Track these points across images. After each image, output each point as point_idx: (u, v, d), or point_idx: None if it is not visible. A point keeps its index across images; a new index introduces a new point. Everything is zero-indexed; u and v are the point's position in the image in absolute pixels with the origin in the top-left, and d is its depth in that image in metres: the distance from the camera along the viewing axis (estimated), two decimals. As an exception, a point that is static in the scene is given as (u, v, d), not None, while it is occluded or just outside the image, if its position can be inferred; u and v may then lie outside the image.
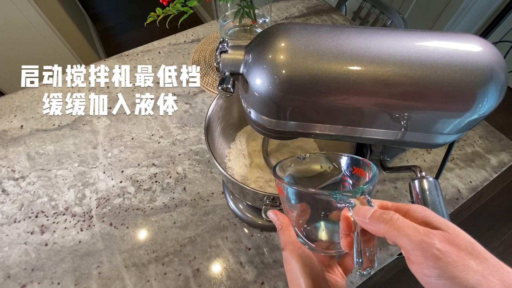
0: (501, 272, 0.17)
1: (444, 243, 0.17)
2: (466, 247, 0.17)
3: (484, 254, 0.17)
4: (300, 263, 0.24)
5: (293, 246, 0.25)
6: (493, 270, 0.17)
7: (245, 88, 0.31)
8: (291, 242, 0.26)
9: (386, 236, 0.20)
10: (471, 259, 0.17)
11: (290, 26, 0.29)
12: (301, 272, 0.24)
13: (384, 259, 0.51)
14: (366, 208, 0.21)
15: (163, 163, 0.62)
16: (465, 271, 0.16)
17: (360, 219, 0.21)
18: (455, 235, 0.18)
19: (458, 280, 0.16)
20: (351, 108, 0.29)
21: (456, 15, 1.40)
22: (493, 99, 0.26)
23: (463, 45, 0.27)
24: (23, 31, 1.27)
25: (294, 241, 0.26)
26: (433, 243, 0.17)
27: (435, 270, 0.17)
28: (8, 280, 0.50)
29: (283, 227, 0.27)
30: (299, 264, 0.24)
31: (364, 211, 0.21)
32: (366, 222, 0.20)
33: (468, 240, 0.18)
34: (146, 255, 0.52)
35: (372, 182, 0.24)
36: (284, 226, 0.27)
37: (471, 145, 0.66)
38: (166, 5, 0.57)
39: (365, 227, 0.21)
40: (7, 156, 0.63)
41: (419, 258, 0.17)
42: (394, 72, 0.26)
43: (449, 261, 0.16)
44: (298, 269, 0.24)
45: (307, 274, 0.24)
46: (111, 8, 2.35)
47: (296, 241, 0.26)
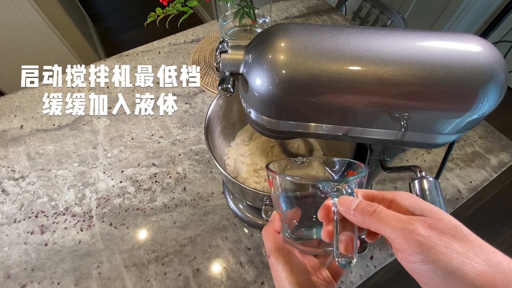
0: (486, 253, 0.17)
1: (426, 228, 0.17)
2: (449, 231, 0.17)
3: (468, 236, 0.17)
4: (287, 271, 0.23)
5: (279, 253, 0.24)
6: (478, 251, 0.17)
7: (245, 88, 0.31)
8: (277, 248, 0.24)
9: (369, 227, 0.20)
10: (454, 242, 0.17)
11: (290, 26, 0.29)
12: (288, 280, 0.23)
13: (384, 259, 0.51)
14: (351, 199, 0.21)
15: (163, 163, 0.62)
16: (448, 254, 0.16)
17: (344, 209, 0.21)
18: (437, 220, 0.18)
19: (441, 263, 0.16)
20: (351, 108, 0.29)
21: (456, 15, 1.40)
22: (493, 99, 0.26)
23: (463, 45, 0.27)
24: (23, 31, 1.27)
25: (280, 247, 0.24)
26: (415, 229, 0.17)
27: (419, 255, 0.17)
28: (8, 280, 0.50)
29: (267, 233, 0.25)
30: (286, 272, 0.23)
31: (349, 202, 0.21)
32: (351, 213, 0.20)
33: (452, 223, 0.18)
34: (146, 255, 0.52)
35: (359, 175, 0.24)
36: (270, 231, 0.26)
37: (471, 145, 0.66)
38: (166, 5, 0.57)
39: (349, 217, 0.21)
40: (7, 156, 0.63)
41: (403, 246, 0.17)
42: (394, 72, 0.26)
43: (431, 246, 0.17)
44: (285, 277, 0.23)
45: (295, 283, 0.23)
46: (111, 8, 2.35)
47: (282, 247, 0.24)
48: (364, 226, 0.20)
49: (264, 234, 0.26)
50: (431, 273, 0.17)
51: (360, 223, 0.20)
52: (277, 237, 0.25)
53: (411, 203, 0.20)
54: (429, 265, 0.16)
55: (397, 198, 0.21)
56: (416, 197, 0.20)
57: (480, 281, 0.16)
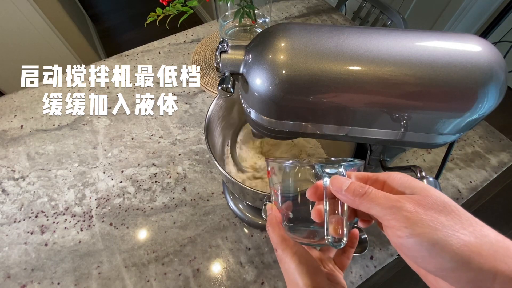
0: (474, 226, 0.17)
1: (413, 205, 0.18)
2: (437, 206, 0.18)
3: (456, 211, 0.18)
4: (296, 262, 0.23)
5: (286, 245, 0.24)
6: (466, 224, 0.17)
7: (245, 88, 0.31)
8: (283, 240, 0.24)
9: (360, 207, 0.20)
10: (441, 216, 0.17)
11: (290, 26, 0.29)
12: (298, 271, 0.23)
13: (384, 259, 0.51)
14: (343, 179, 0.21)
15: (163, 163, 0.62)
16: (433, 227, 0.17)
17: (336, 189, 0.21)
18: (425, 196, 0.18)
19: (427, 235, 0.17)
20: (351, 109, 0.29)
21: (456, 15, 1.40)
22: (493, 99, 0.26)
23: (463, 45, 0.27)
24: (23, 31, 1.27)
25: (286, 239, 0.24)
26: (402, 206, 0.18)
27: (406, 229, 0.17)
28: (8, 280, 0.50)
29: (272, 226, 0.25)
30: (295, 263, 0.23)
31: (340, 183, 0.21)
32: (342, 194, 0.21)
33: (440, 199, 0.18)
34: (146, 255, 0.52)
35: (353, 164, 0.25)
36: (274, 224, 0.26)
37: (471, 145, 0.66)
38: (166, 5, 0.57)
39: (340, 197, 0.21)
40: (7, 156, 0.63)
41: (391, 222, 0.18)
42: (394, 72, 0.26)
43: (418, 220, 0.17)
44: (294, 268, 0.23)
45: (305, 273, 0.23)
46: (111, 8, 2.35)
47: (288, 239, 0.24)
48: (354, 206, 0.21)
49: (269, 228, 0.25)
50: (417, 245, 0.17)
51: (351, 203, 0.21)
52: (282, 230, 0.25)
53: (403, 183, 0.20)
54: (415, 238, 0.17)
55: (390, 178, 0.21)
56: (408, 177, 0.21)
57: (465, 251, 0.16)
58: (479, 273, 0.16)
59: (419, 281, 0.18)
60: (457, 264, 0.16)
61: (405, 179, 0.20)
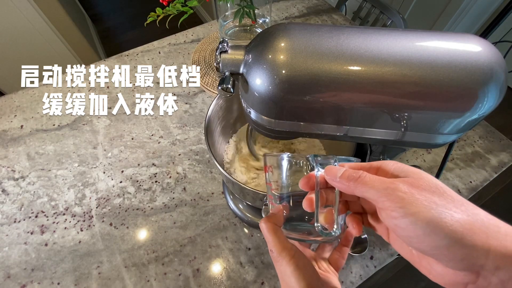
0: (466, 206, 0.18)
1: (407, 186, 0.18)
2: (429, 188, 0.18)
3: (449, 193, 0.18)
4: (293, 265, 0.22)
5: (283, 247, 0.23)
6: (457, 204, 0.18)
7: (245, 88, 0.31)
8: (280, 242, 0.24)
9: (355, 192, 0.20)
10: (434, 196, 0.18)
11: (290, 26, 0.29)
12: (294, 275, 0.22)
13: (384, 259, 0.51)
14: (337, 167, 0.22)
15: (163, 163, 0.62)
16: (427, 206, 0.17)
17: (331, 177, 0.22)
18: (418, 179, 0.19)
19: (421, 214, 0.17)
20: (351, 109, 0.29)
21: (456, 15, 1.40)
22: (493, 99, 0.26)
23: (463, 45, 0.27)
24: (23, 31, 1.27)
25: (283, 241, 0.24)
26: (396, 187, 0.18)
27: (401, 209, 0.17)
28: (8, 280, 0.50)
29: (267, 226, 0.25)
30: (292, 266, 0.22)
31: (335, 170, 0.22)
32: (337, 180, 0.21)
33: (433, 182, 0.19)
34: (146, 255, 0.52)
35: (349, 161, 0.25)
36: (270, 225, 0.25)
37: (471, 145, 0.66)
38: (166, 5, 0.57)
39: (335, 185, 0.22)
40: (7, 156, 0.63)
41: (386, 203, 0.18)
42: (394, 72, 0.26)
43: (412, 200, 0.17)
44: (291, 272, 0.22)
45: (302, 277, 0.22)
46: (111, 8, 2.35)
47: (285, 241, 0.24)
48: (349, 192, 0.21)
49: (264, 227, 0.25)
50: (411, 224, 0.17)
51: (345, 189, 0.21)
52: (279, 231, 0.24)
53: (396, 168, 0.21)
54: (410, 217, 0.17)
55: (384, 165, 0.21)
56: (402, 164, 0.21)
57: (458, 228, 0.16)
58: (473, 249, 0.16)
59: (419, 281, 0.19)
60: (450, 241, 0.16)
61: (398, 164, 0.21)
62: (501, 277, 0.16)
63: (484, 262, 0.16)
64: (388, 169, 0.21)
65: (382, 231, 0.23)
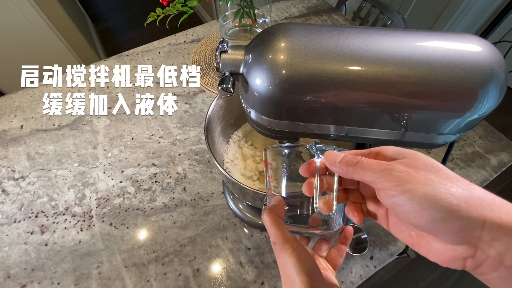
0: (461, 181, 0.18)
1: (404, 166, 0.19)
2: (426, 167, 0.19)
3: (445, 171, 0.19)
4: (295, 258, 0.23)
5: (285, 240, 0.23)
6: (453, 180, 0.18)
7: (245, 88, 0.31)
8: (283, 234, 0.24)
9: (353, 176, 0.21)
10: (430, 174, 0.18)
11: (290, 26, 0.29)
12: (296, 268, 0.22)
13: (384, 259, 0.51)
14: (337, 153, 0.23)
15: (163, 163, 0.62)
16: (424, 183, 0.18)
17: (330, 162, 0.22)
18: (414, 159, 0.19)
19: (417, 190, 0.17)
20: (351, 109, 0.29)
21: (456, 15, 1.40)
22: (493, 99, 0.26)
23: (463, 45, 0.27)
24: (23, 31, 1.27)
25: (285, 233, 0.24)
26: (394, 168, 0.19)
27: (398, 187, 0.18)
28: (8, 280, 0.50)
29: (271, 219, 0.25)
30: (294, 259, 0.23)
31: (334, 156, 0.22)
32: (336, 165, 0.22)
33: (429, 161, 0.19)
34: (146, 255, 0.52)
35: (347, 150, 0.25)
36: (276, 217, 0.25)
37: (471, 145, 0.66)
38: (166, 5, 0.57)
39: (334, 169, 0.22)
40: (7, 156, 0.63)
41: (384, 183, 0.19)
42: (394, 72, 0.26)
43: (409, 178, 0.18)
44: (293, 264, 0.22)
45: (304, 270, 0.22)
46: (111, 8, 2.35)
47: (287, 233, 0.24)
48: (348, 176, 0.21)
49: (267, 219, 0.25)
50: (409, 200, 0.18)
51: (344, 173, 0.22)
52: (281, 223, 0.25)
53: (395, 152, 0.21)
54: (407, 194, 0.18)
55: (382, 150, 0.22)
56: (400, 148, 0.22)
57: (454, 201, 0.17)
58: (468, 221, 0.16)
59: (419, 281, 0.19)
60: (446, 213, 0.16)
61: (396, 149, 0.21)
62: (498, 248, 0.16)
63: (480, 233, 0.16)
64: (386, 154, 0.22)
65: (381, 217, 0.23)
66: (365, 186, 0.24)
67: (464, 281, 1.17)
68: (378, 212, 0.23)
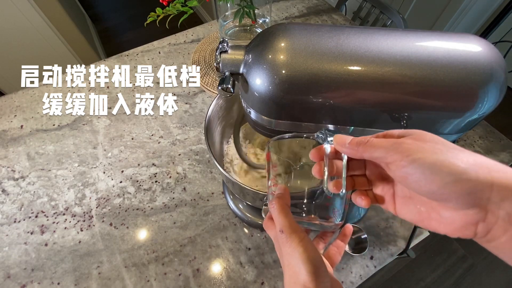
0: (468, 152, 0.19)
1: (412, 140, 0.20)
2: (433, 139, 0.20)
3: (451, 143, 0.20)
4: (302, 247, 0.23)
5: (294, 229, 0.24)
6: (460, 150, 0.19)
7: (245, 88, 0.31)
8: (291, 223, 0.24)
9: (363, 155, 0.22)
10: (438, 144, 0.19)
11: (290, 26, 0.29)
12: (303, 257, 0.23)
13: (384, 259, 0.51)
14: (346, 136, 0.24)
15: (163, 163, 0.62)
16: (432, 151, 0.18)
17: (340, 144, 0.23)
18: (421, 134, 0.20)
19: (427, 158, 0.18)
20: (351, 109, 0.29)
21: (456, 15, 1.40)
22: (493, 99, 0.26)
23: (463, 45, 0.27)
24: (23, 31, 1.27)
25: (293, 222, 0.24)
26: (403, 141, 0.20)
27: (408, 158, 0.19)
28: (8, 280, 0.50)
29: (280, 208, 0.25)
30: (301, 248, 0.23)
31: (344, 138, 0.23)
32: (346, 147, 0.23)
33: (436, 136, 0.20)
34: (146, 255, 0.52)
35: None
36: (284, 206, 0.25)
37: (471, 145, 0.66)
38: (166, 5, 0.57)
39: (344, 151, 0.23)
40: (7, 156, 0.63)
41: (394, 156, 0.20)
42: (394, 72, 0.26)
43: (418, 148, 0.19)
44: (300, 253, 0.23)
45: (310, 260, 0.22)
46: (111, 8, 2.35)
47: (295, 223, 0.24)
48: (358, 155, 0.22)
49: (276, 207, 0.25)
50: (419, 168, 0.18)
51: (354, 153, 0.22)
52: (289, 213, 0.25)
53: (401, 132, 0.22)
54: (417, 162, 0.18)
55: (389, 133, 0.23)
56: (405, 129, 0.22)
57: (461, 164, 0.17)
58: (478, 182, 0.17)
59: (419, 281, 0.19)
60: (456, 177, 0.17)
61: (402, 130, 0.22)
62: (507, 209, 0.16)
63: (489, 194, 0.17)
64: (393, 134, 0.22)
65: (388, 200, 0.23)
66: (372, 168, 0.25)
67: (464, 281, 1.17)
68: (386, 195, 0.24)
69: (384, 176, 0.24)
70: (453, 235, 0.19)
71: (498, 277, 1.19)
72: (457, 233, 0.19)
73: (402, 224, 0.54)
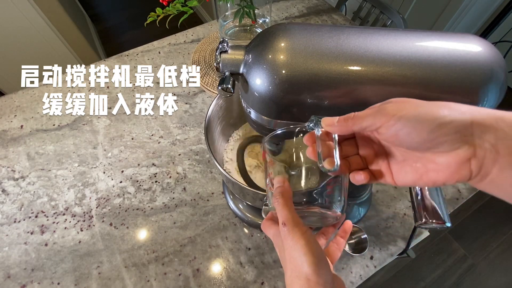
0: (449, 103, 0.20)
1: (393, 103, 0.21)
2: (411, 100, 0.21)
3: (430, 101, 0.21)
4: (305, 240, 0.23)
5: (297, 222, 0.24)
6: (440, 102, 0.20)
7: (245, 88, 0.31)
8: (294, 216, 0.24)
9: (353, 128, 0.23)
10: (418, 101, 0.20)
11: (290, 26, 0.29)
12: (305, 249, 0.23)
13: (384, 259, 0.51)
14: (333, 117, 0.25)
15: (163, 163, 0.62)
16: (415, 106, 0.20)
17: (329, 124, 0.24)
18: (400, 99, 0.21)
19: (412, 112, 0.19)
20: (350, 109, 0.29)
21: (456, 15, 1.40)
22: (493, 99, 0.26)
23: (463, 45, 0.27)
24: (23, 31, 1.27)
25: (296, 215, 0.25)
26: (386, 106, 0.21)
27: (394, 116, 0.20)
28: (8, 280, 0.50)
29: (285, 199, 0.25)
30: (304, 241, 0.23)
31: (332, 119, 0.24)
32: (335, 125, 0.23)
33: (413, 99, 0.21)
34: (146, 255, 0.52)
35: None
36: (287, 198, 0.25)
37: (471, 145, 0.66)
38: (166, 5, 0.57)
39: (333, 130, 0.24)
40: (7, 156, 0.63)
41: (382, 119, 0.21)
42: (394, 73, 0.26)
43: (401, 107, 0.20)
44: (303, 245, 0.23)
45: (312, 252, 0.23)
46: (111, 8, 2.35)
47: (297, 216, 0.25)
48: (348, 130, 0.23)
49: (280, 201, 0.25)
50: (406, 122, 0.20)
51: (344, 129, 0.23)
52: (292, 206, 0.25)
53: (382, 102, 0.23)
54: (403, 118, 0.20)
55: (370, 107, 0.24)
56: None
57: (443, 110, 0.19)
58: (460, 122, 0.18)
59: (419, 281, 0.19)
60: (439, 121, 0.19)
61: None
62: (489, 140, 0.18)
63: (471, 130, 0.18)
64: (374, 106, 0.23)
65: (385, 171, 0.24)
66: (363, 144, 0.25)
67: (464, 281, 1.17)
68: (382, 168, 0.24)
69: (376, 151, 0.25)
70: (452, 181, 0.20)
71: (498, 277, 1.19)
72: (455, 177, 0.19)
73: (402, 224, 0.54)
